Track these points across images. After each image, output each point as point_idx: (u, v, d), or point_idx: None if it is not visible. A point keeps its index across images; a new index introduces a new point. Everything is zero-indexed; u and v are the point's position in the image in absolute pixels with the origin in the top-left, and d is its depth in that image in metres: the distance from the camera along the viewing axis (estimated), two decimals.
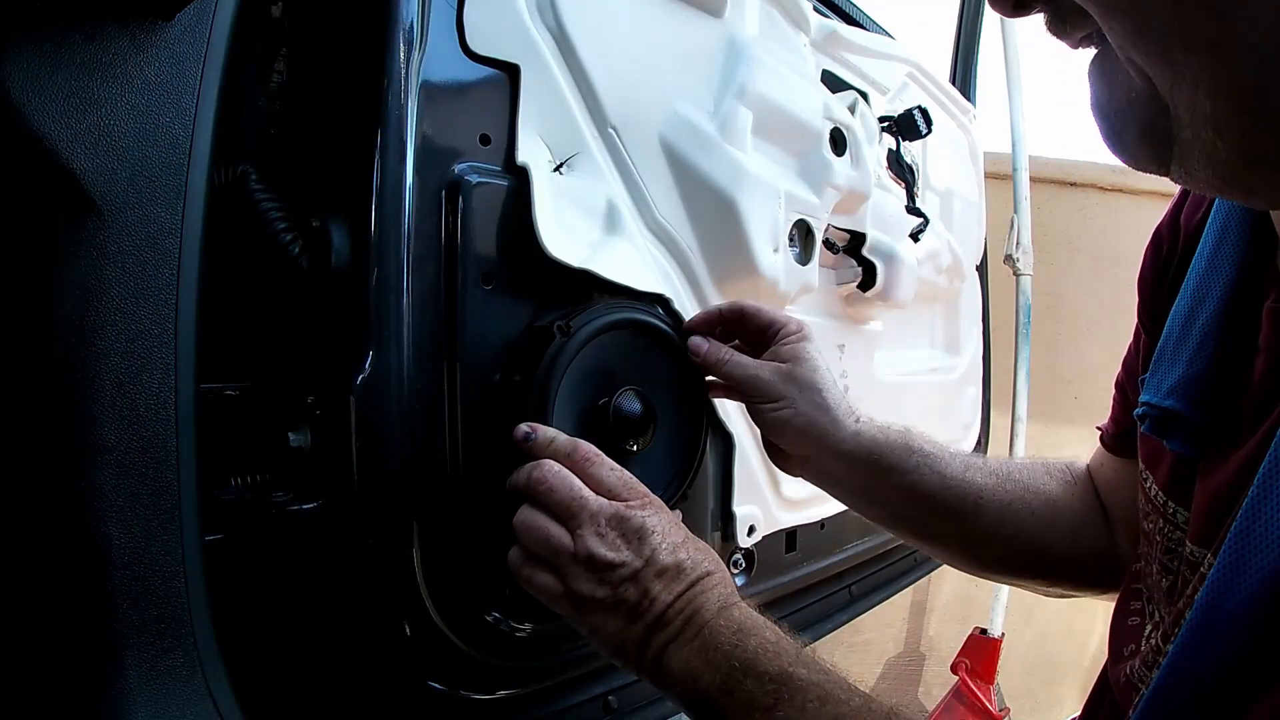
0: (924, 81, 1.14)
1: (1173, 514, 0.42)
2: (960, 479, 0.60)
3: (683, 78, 0.70)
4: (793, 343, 0.61)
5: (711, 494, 0.75)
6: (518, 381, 0.55)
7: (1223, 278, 0.41)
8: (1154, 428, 0.42)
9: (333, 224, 0.49)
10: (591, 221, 0.62)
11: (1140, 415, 0.43)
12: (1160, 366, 0.44)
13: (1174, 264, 0.48)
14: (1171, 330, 0.44)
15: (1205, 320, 0.41)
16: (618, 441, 0.57)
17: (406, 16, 0.50)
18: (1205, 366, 0.40)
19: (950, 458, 0.62)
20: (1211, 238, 0.43)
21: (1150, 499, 0.45)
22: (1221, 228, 0.42)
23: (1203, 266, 0.43)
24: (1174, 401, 0.41)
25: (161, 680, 0.40)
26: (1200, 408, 0.40)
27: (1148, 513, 0.45)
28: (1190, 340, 0.42)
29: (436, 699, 0.54)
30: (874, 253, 0.93)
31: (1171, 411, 0.41)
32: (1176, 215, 0.49)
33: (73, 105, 0.36)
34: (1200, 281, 0.42)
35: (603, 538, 0.47)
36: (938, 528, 0.62)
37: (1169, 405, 0.41)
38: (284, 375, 0.51)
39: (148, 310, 0.39)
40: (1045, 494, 0.62)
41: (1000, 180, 1.77)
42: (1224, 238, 0.42)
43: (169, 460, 0.40)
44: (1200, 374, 0.40)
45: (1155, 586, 0.43)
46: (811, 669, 0.44)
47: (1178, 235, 0.48)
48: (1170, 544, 0.42)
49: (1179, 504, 0.42)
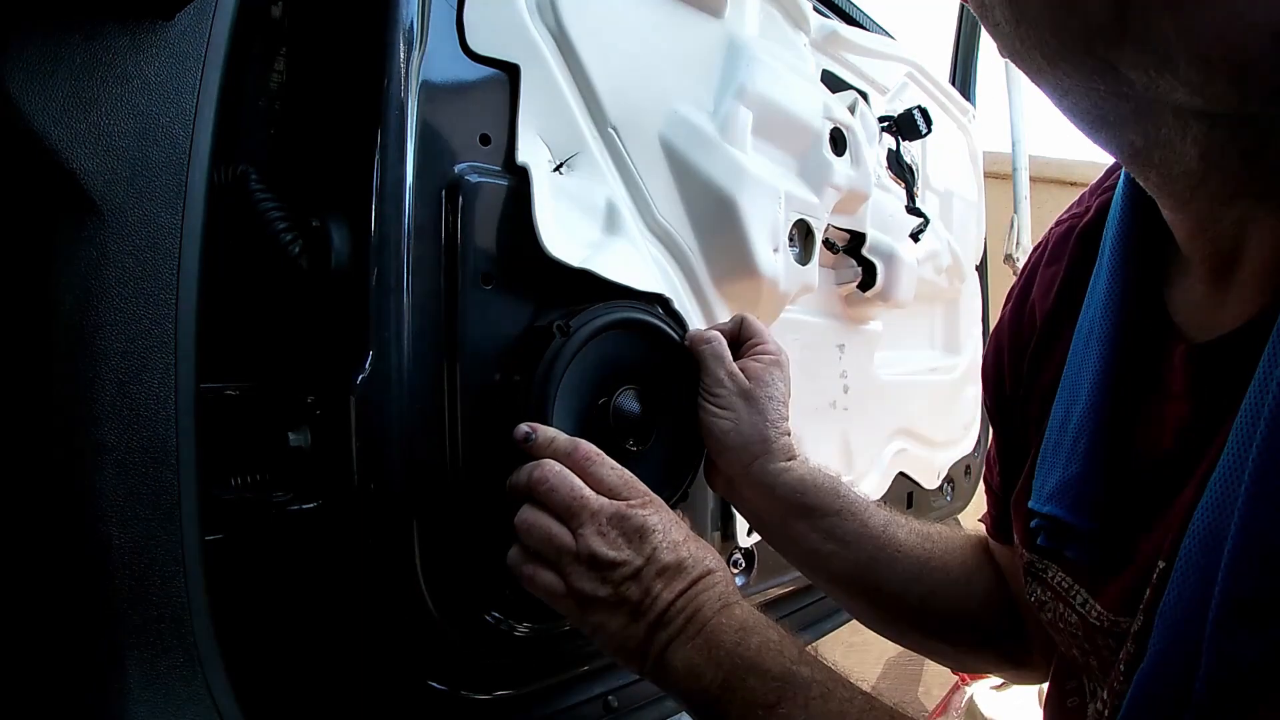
0: (924, 81, 1.14)
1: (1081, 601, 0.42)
2: (880, 531, 0.60)
3: (683, 78, 0.70)
4: (764, 363, 0.61)
5: (711, 493, 0.75)
6: (518, 381, 0.55)
7: (1091, 373, 0.41)
8: (1048, 539, 0.42)
9: (333, 224, 0.49)
10: (591, 221, 0.63)
11: (1034, 529, 0.43)
12: (1041, 470, 0.44)
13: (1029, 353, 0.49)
14: (1050, 432, 0.44)
15: (1080, 417, 0.41)
16: (618, 441, 0.57)
17: (406, 16, 0.50)
18: (1083, 464, 0.40)
19: (875, 510, 0.61)
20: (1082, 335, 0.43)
21: (1054, 588, 0.44)
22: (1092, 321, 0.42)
23: (1077, 362, 0.43)
24: (1053, 507, 0.41)
25: (161, 680, 0.40)
26: (1081, 510, 0.40)
27: (1045, 601, 0.45)
28: (1066, 440, 0.42)
29: (437, 699, 0.54)
30: (874, 253, 0.93)
31: (1057, 520, 0.41)
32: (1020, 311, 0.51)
33: (73, 105, 0.36)
34: (1071, 381, 0.43)
35: (604, 536, 0.47)
36: (851, 576, 0.60)
37: (1049, 511, 0.41)
38: (284, 375, 0.51)
39: (148, 310, 0.39)
40: (963, 560, 0.61)
41: (1000, 180, 1.77)
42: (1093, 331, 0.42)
43: (169, 460, 0.40)
44: (1079, 473, 0.40)
45: (1084, 667, 0.43)
46: (814, 667, 0.44)
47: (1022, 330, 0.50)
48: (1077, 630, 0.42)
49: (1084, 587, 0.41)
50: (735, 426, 0.60)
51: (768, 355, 0.62)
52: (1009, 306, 0.53)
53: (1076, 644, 0.42)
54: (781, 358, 0.63)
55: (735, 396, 0.60)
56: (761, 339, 0.63)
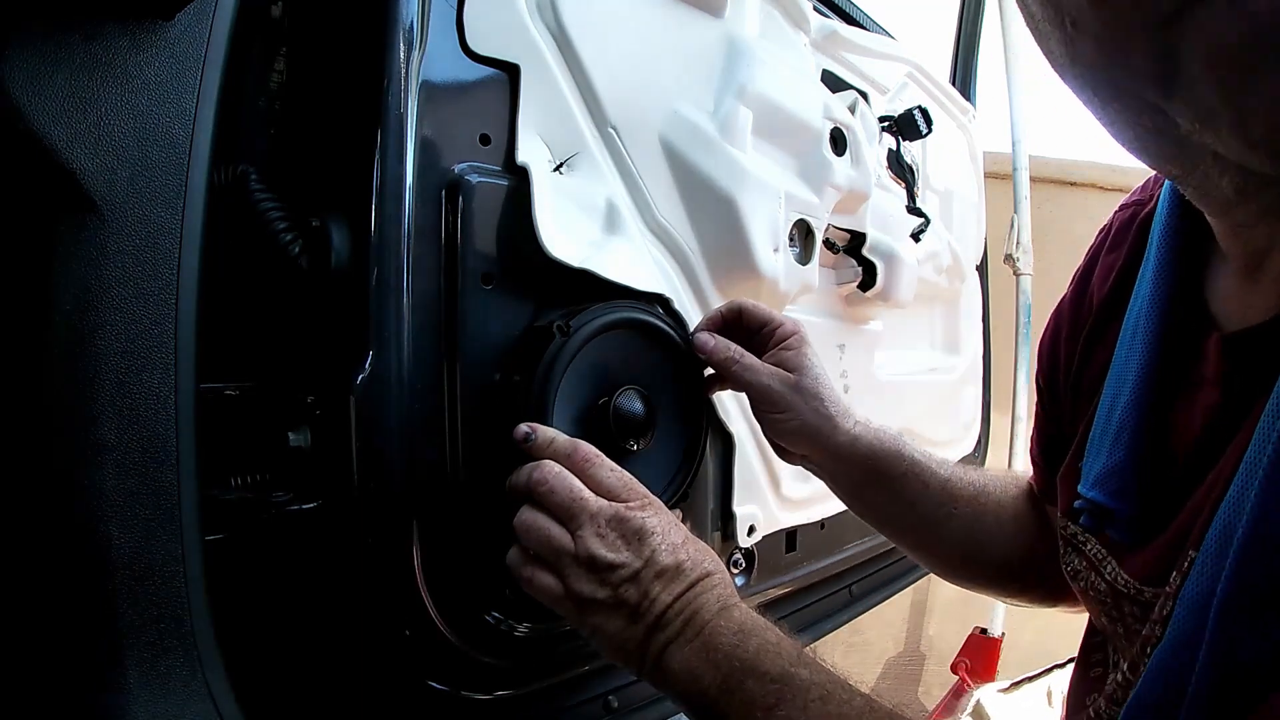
0: (924, 81, 1.14)
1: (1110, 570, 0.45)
2: (939, 490, 0.63)
3: (683, 77, 0.70)
4: (794, 348, 0.63)
5: (711, 494, 0.75)
6: (517, 381, 0.55)
7: (1136, 366, 0.44)
8: (1091, 520, 0.45)
9: (333, 224, 0.49)
10: (591, 221, 0.62)
11: (1078, 509, 0.46)
12: (1089, 456, 0.46)
13: (1083, 338, 0.52)
14: (1098, 419, 0.46)
15: (1122, 410, 0.44)
16: (617, 441, 0.57)
17: (406, 16, 0.50)
18: (1124, 454, 0.43)
19: (936, 468, 0.64)
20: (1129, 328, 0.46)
21: (1089, 558, 0.47)
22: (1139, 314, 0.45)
23: (1123, 355, 0.45)
24: (1097, 493, 0.44)
25: (161, 680, 0.40)
26: (1121, 497, 0.43)
27: (1079, 571, 0.48)
28: (1110, 430, 0.44)
29: (437, 699, 0.54)
30: (874, 252, 0.93)
31: (1098, 504, 0.44)
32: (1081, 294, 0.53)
33: (73, 105, 0.36)
34: (1118, 372, 0.45)
35: (603, 539, 0.47)
36: (914, 533, 0.66)
37: (1093, 497, 0.44)
38: (284, 375, 0.51)
39: (148, 310, 0.39)
40: (1014, 510, 0.65)
41: (1000, 180, 1.77)
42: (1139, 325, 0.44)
43: (169, 460, 0.40)
44: (1119, 463, 0.43)
45: (1114, 635, 0.45)
46: (813, 669, 0.44)
47: (1081, 314, 0.52)
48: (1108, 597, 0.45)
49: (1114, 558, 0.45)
50: (799, 422, 0.62)
51: (794, 337, 0.63)
52: (1071, 288, 0.55)
53: (1105, 610, 0.45)
54: (801, 330, 0.64)
55: (787, 395, 0.62)
56: (775, 322, 0.64)
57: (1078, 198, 2.18)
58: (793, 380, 0.62)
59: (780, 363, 0.62)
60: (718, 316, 0.65)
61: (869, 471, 0.63)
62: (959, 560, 0.66)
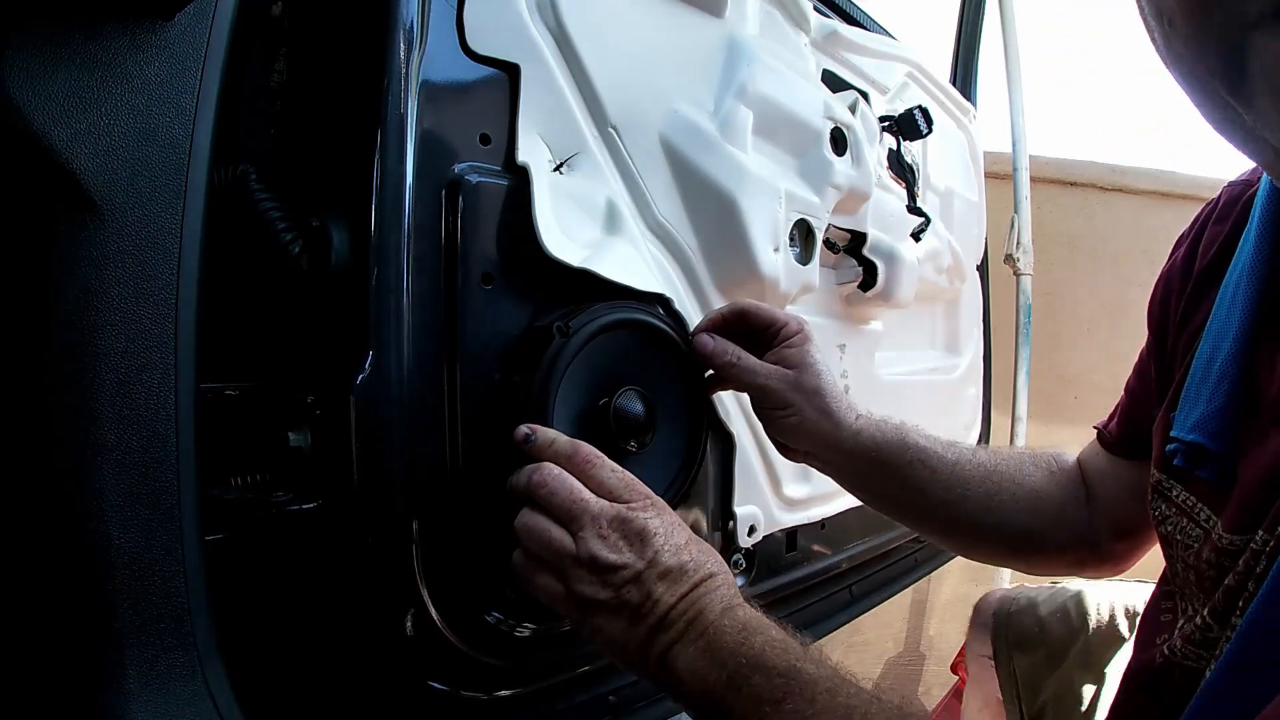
0: (924, 81, 1.14)
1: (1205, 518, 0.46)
2: (949, 473, 0.65)
3: (683, 77, 0.70)
4: (796, 345, 0.63)
5: (712, 494, 0.75)
6: (518, 382, 0.55)
7: (1236, 322, 0.46)
8: (1185, 461, 0.47)
9: (333, 224, 0.49)
10: (591, 221, 0.62)
11: (1171, 451, 0.48)
12: (1185, 404, 0.49)
13: (1184, 299, 0.54)
14: (1195, 371, 0.49)
15: (1222, 361, 0.46)
16: (618, 442, 0.57)
17: (406, 16, 0.50)
18: (1224, 400, 0.45)
19: (942, 451, 0.65)
20: (1229, 289, 0.48)
21: (1178, 505, 0.49)
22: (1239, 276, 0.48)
23: (1223, 313, 0.48)
24: (1197, 435, 0.46)
25: (161, 680, 0.40)
26: (1220, 439, 0.45)
27: (1168, 516, 0.50)
28: (1210, 379, 0.47)
29: (437, 699, 0.54)
30: (875, 252, 0.93)
31: (1196, 445, 0.46)
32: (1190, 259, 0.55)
33: (73, 105, 0.36)
34: (1217, 329, 0.48)
35: (605, 540, 0.47)
36: (929, 516, 0.68)
37: (1193, 439, 0.46)
38: (284, 375, 0.51)
39: (148, 310, 0.39)
40: (1029, 485, 0.67)
41: (1000, 180, 1.77)
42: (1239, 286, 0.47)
43: (169, 460, 0.40)
44: (1219, 408, 0.46)
45: (1186, 583, 0.47)
46: (819, 665, 0.44)
47: (1189, 278, 0.55)
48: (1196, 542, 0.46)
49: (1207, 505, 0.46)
50: (801, 418, 0.62)
51: (797, 335, 0.64)
52: (1181, 252, 0.57)
53: (1190, 555, 0.47)
54: (805, 328, 0.65)
55: (787, 393, 0.62)
56: (778, 321, 0.64)
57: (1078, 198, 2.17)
58: (793, 377, 0.62)
59: (781, 360, 0.63)
60: (718, 317, 0.64)
61: (874, 463, 0.64)
62: (979, 538, 0.67)
